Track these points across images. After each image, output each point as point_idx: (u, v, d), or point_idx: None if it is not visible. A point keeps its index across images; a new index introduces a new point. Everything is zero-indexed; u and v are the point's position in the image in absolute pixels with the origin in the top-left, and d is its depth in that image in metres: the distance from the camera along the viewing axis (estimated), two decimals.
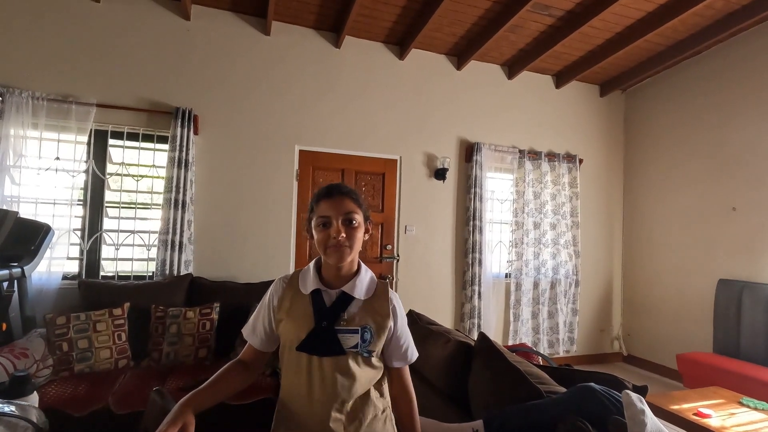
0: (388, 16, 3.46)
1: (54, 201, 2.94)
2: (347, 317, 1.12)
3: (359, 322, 1.12)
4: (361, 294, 1.15)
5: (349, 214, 1.11)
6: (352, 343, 1.10)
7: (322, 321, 1.10)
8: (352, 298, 1.14)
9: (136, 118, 3.16)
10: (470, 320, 3.89)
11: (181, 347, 2.63)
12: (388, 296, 1.18)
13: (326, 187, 1.16)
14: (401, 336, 1.19)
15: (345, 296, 1.14)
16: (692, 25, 3.56)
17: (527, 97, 4.37)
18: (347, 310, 1.13)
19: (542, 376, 1.43)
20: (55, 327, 2.42)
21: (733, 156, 3.73)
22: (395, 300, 1.20)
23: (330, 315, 1.11)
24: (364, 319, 1.13)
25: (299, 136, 3.60)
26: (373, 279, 1.21)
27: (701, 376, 3.34)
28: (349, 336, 1.10)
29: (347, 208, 1.11)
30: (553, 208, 4.35)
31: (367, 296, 1.16)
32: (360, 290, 1.15)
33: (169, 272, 3.07)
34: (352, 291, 1.14)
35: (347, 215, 1.10)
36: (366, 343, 1.11)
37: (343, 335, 1.10)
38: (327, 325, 1.10)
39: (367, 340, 1.11)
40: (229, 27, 3.43)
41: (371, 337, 1.12)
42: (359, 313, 1.13)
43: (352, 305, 1.14)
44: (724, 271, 3.74)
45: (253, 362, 1.21)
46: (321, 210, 1.12)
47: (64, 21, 3.03)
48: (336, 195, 1.12)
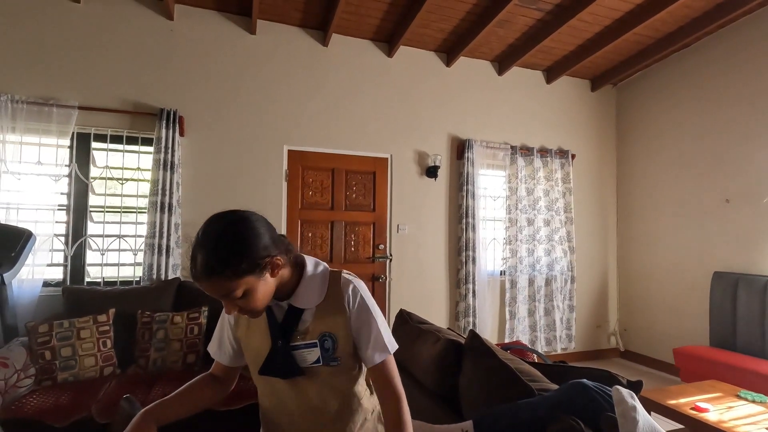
0: (375, 13, 3.42)
1: (36, 206, 2.87)
2: (302, 329, 1.00)
3: (317, 331, 1.00)
4: (309, 302, 1.01)
5: (229, 293, 0.88)
6: (313, 358, 0.99)
7: (277, 340, 1.00)
8: (301, 310, 1.01)
9: (119, 120, 3.09)
10: (465, 319, 3.84)
11: (169, 353, 2.57)
12: (342, 290, 1.02)
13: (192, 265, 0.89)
14: (362, 329, 1.02)
15: (293, 308, 1.01)
16: (681, 17, 3.54)
17: (518, 92, 4.34)
18: (300, 322, 1.01)
19: (534, 374, 1.39)
20: (37, 335, 2.36)
21: (726, 148, 3.72)
22: (350, 290, 1.03)
23: (283, 332, 1.00)
24: (322, 326, 1.00)
25: (288, 135, 3.54)
26: (324, 277, 1.04)
27: (698, 370, 3.31)
28: (308, 351, 0.99)
29: (223, 289, 0.87)
30: (546, 204, 4.32)
31: (320, 299, 1.02)
32: (307, 298, 1.01)
33: (157, 277, 3.01)
34: (299, 302, 1.01)
35: (226, 294, 0.88)
36: (329, 351, 0.99)
37: (301, 351, 0.99)
38: (282, 344, 0.99)
39: (329, 349, 0.99)
40: (214, 26, 3.38)
41: (334, 344, 0.99)
42: (315, 322, 1.01)
43: (305, 315, 1.01)
44: (719, 264, 3.72)
45: (224, 377, 1.14)
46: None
47: (44, 22, 2.97)
48: (201, 282, 0.88)
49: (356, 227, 3.73)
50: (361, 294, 1.04)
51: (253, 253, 0.89)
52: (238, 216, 0.92)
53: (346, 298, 1.02)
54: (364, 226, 3.76)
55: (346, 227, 3.71)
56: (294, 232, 3.54)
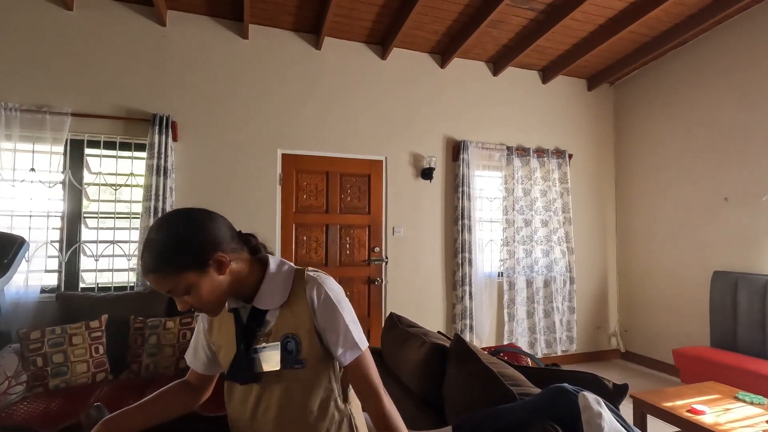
0: (367, 15, 3.42)
1: (30, 213, 2.89)
2: (266, 331, 0.98)
3: (279, 333, 0.97)
4: (272, 303, 0.99)
5: (174, 289, 0.88)
6: (275, 360, 0.96)
7: (240, 343, 0.98)
8: (264, 311, 0.99)
9: (112, 126, 3.10)
10: (462, 321, 3.82)
11: (161, 358, 2.57)
12: (305, 289, 0.99)
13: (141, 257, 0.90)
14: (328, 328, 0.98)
15: (255, 311, 0.99)
16: (676, 14, 3.51)
17: (514, 93, 4.32)
18: (264, 323, 0.99)
19: (517, 378, 1.37)
20: (29, 341, 2.36)
21: (724, 146, 3.67)
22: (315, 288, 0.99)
23: (245, 335, 0.98)
24: (285, 327, 0.98)
25: (282, 139, 3.54)
26: (288, 276, 1.02)
27: (699, 370, 3.26)
28: (270, 353, 0.96)
29: (167, 285, 0.88)
30: (544, 204, 4.28)
31: (284, 299, 0.99)
32: (268, 299, 0.99)
33: None
34: (261, 303, 0.99)
35: (172, 290, 0.89)
36: (293, 354, 0.96)
37: (265, 353, 0.96)
38: (244, 348, 0.97)
39: (293, 351, 0.96)
40: (206, 31, 3.39)
41: (297, 345, 0.97)
42: (278, 323, 0.98)
43: (268, 316, 0.99)
44: (719, 263, 3.67)
45: (199, 385, 1.12)
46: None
47: (37, 30, 2.99)
48: (148, 276, 0.88)
49: (351, 230, 3.72)
50: (326, 291, 1.00)
51: (193, 249, 0.88)
52: (183, 214, 0.93)
53: (309, 297, 0.98)
54: (360, 229, 3.75)
55: (341, 230, 3.70)
56: (289, 236, 3.53)
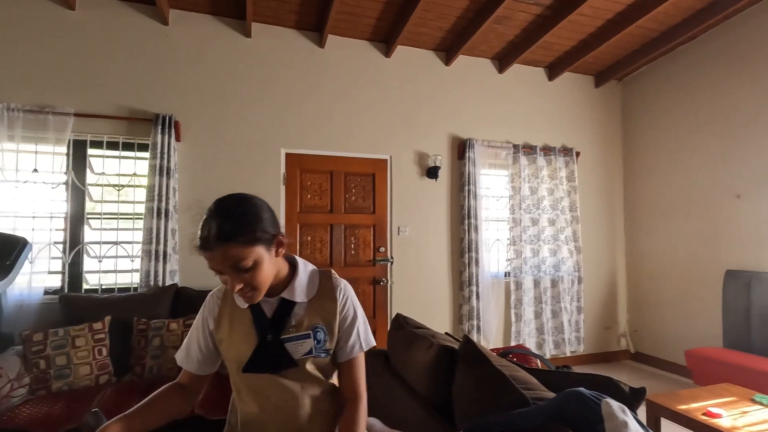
0: (371, 13, 3.38)
1: (33, 214, 2.87)
2: (295, 323, 1.03)
3: (308, 324, 1.04)
4: (302, 296, 1.06)
5: (239, 262, 0.88)
6: (306, 349, 1.02)
7: (265, 334, 1.01)
8: (293, 303, 1.05)
9: (115, 126, 3.08)
10: (469, 322, 3.76)
11: (165, 360, 2.54)
12: (333, 288, 1.09)
13: (203, 230, 0.89)
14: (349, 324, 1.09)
15: (285, 302, 1.04)
16: (685, 8, 3.44)
17: (520, 90, 4.26)
18: (292, 315, 1.04)
19: (530, 381, 1.32)
20: (31, 344, 2.34)
21: (736, 143, 3.60)
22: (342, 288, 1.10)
23: (274, 326, 1.02)
24: (314, 319, 1.05)
25: (285, 138, 3.51)
26: (314, 274, 1.12)
27: (712, 372, 3.19)
28: (301, 342, 1.02)
29: (232, 258, 0.88)
30: (551, 203, 4.22)
31: (311, 295, 1.07)
32: (300, 292, 1.06)
33: (154, 283, 2.98)
34: (292, 296, 1.04)
35: (236, 263, 0.88)
36: (321, 343, 1.04)
37: (293, 343, 1.01)
38: (272, 338, 1.01)
39: (321, 340, 1.03)
40: (209, 30, 3.36)
41: (325, 336, 1.04)
42: (307, 315, 1.05)
43: (297, 308, 1.05)
44: (731, 262, 3.59)
45: (192, 386, 1.11)
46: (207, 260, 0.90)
47: (38, 30, 2.97)
48: (214, 249, 0.87)
49: (356, 230, 3.68)
50: (351, 292, 1.13)
51: (265, 224, 0.93)
52: (248, 195, 1.00)
53: (338, 294, 1.09)
54: (364, 228, 3.71)
55: (345, 230, 3.66)
56: (293, 236, 3.49)
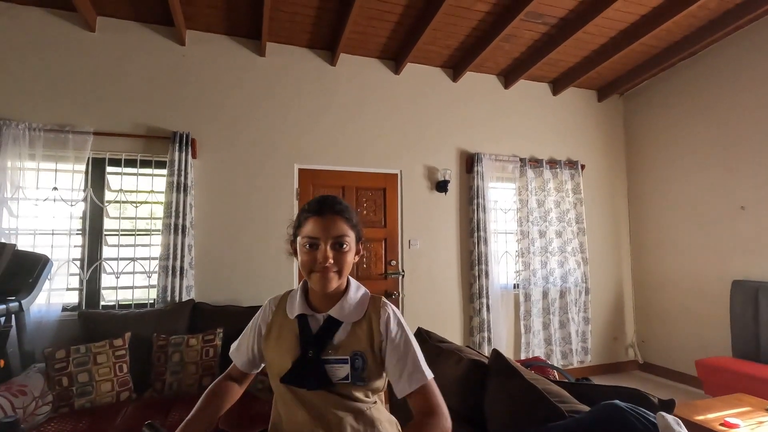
0: (382, 32, 3.47)
1: (52, 231, 2.91)
2: (336, 344, 1.01)
3: (349, 348, 1.01)
4: (349, 317, 1.04)
5: (340, 237, 0.99)
6: (342, 374, 0.98)
7: (308, 350, 1.00)
8: (339, 323, 1.03)
9: (133, 144, 3.14)
10: (480, 334, 3.79)
11: (185, 376, 2.56)
12: (379, 314, 1.05)
13: (317, 202, 1.02)
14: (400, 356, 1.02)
15: (332, 320, 1.03)
16: (687, 26, 3.55)
17: (525, 105, 4.36)
18: (335, 336, 1.02)
19: (562, 394, 1.36)
20: (54, 361, 2.36)
21: (738, 154, 3.68)
22: (390, 315, 1.06)
23: (317, 343, 1.01)
24: (354, 344, 1.01)
25: (298, 154, 3.57)
26: (365, 297, 1.09)
27: (723, 382, 3.22)
28: (339, 366, 0.99)
29: (339, 230, 0.99)
30: (557, 215, 4.29)
31: (358, 318, 1.05)
32: (348, 313, 1.04)
33: (171, 299, 3.01)
34: (340, 315, 1.03)
35: (338, 238, 0.99)
36: (358, 371, 0.99)
37: (331, 366, 0.99)
38: (313, 355, 0.99)
39: (359, 369, 0.99)
40: (224, 50, 3.44)
41: (363, 364, 1.00)
42: (349, 339, 1.02)
43: (340, 330, 1.03)
44: (738, 272, 3.65)
45: (240, 378, 1.17)
46: (308, 229, 1.00)
47: (60, 51, 3.04)
48: (327, 214, 1.00)
49: (368, 244, 3.73)
50: (400, 320, 1.08)
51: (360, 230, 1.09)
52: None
53: (383, 322, 1.05)
54: (376, 242, 3.76)
55: None
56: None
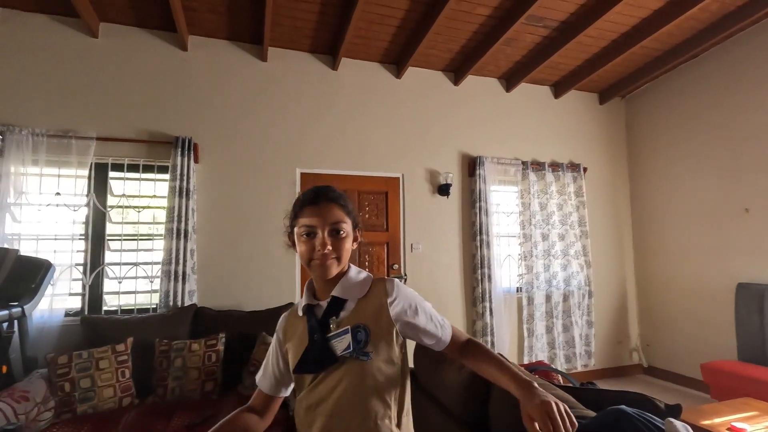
0: (384, 36, 3.48)
1: (55, 236, 2.91)
2: (338, 320, 1.01)
3: (350, 322, 1.00)
4: (353, 293, 1.03)
5: (337, 224, 1.00)
6: (344, 345, 0.97)
7: (314, 334, 1.01)
8: (343, 302, 1.03)
9: (136, 149, 3.15)
10: (483, 338, 3.77)
11: (187, 381, 2.55)
12: (384, 286, 1.04)
13: (311, 192, 1.04)
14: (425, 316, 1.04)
15: (335, 301, 1.03)
16: (688, 29, 3.55)
17: (527, 108, 4.36)
18: (339, 314, 1.02)
19: (568, 399, 1.34)
20: (56, 367, 2.35)
21: (741, 156, 3.67)
22: (393, 284, 1.04)
23: (321, 325, 1.01)
24: (357, 318, 1.00)
25: (300, 158, 3.57)
26: (367, 278, 1.08)
27: (728, 385, 3.20)
28: (340, 339, 0.98)
29: (335, 216, 1.01)
30: (560, 218, 4.27)
31: (362, 294, 1.04)
32: (350, 290, 1.03)
33: (173, 303, 3.01)
34: (342, 293, 1.03)
35: (334, 225, 1.00)
36: (360, 343, 0.97)
37: (335, 340, 0.98)
38: (319, 337, 1.00)
39: (361, 341, 0.97)
40: (226, 55, 3.45)
41: (366, 337, 0.97)
42: (352, 314, 1.01)
43: (344, 308, 1.02)
44: (743, 275, 3.63)
45: (263, 409, 1.12)
46: (305, 218, 1.01)
47: (63, 57, 3.06)
48: (322, 202, 1.01)
49: (370, 247, 3.72)
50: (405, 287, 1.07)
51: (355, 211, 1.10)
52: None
53: (395, 292, 1.03)
54: (378, 246, 3.75)
55: (359, 248, 3.69)
56: None
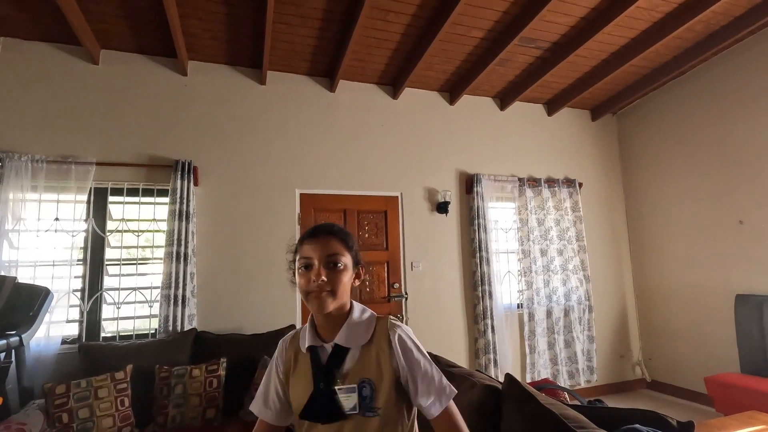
0: (380, 59, 3.56)
1: (53, 262, 2.88)
2: (344, 372, 1.00)
3: (356, 376, 0.99)
4: (355, 341, 1.02)
5: (333, 256, 1.00)
6: (351, 404, 0.96)
7: (319, 382, 0.99)
8: (346, 351, 1.01)
9: (135, 173, 3.15)
10: (486, 356, 3.74)
11: (188, 409, 2.50)
12: (388, 336, 1.02)
13: (313, 227, 1.07)
14: (416, 373, 1.00)
15: (339, 349, 1.02)
16: (675, 47, 3.66)
17: (521, 126, 4.43)
18: (344, 364, 1.01)
19: (580, 420, 1.33)
20: (54, 397, 2.30)
21: (733, 169, 3.74)
22: (399, 333, 1.03)
23: (326, 374, 1.00)
24: (362, 371, 0.99)
25: (299, 179, 3.59)
26: (371, 319, 1.07)
27: (733, 399, 3.18)
28: (347, 396, 0.97)
29: (331, 249, 1.01)
30: (558, 233, 4.30)
31: (365, 341, 1.02)
32: (353, 338, 1.02)
33: (173, 328, 2.96)
34: (345, 341, 1.02)
35: (331, 257, 1.00)
36: (366, 400, 0.96)
37: (342, 395, 0.97)
38: (324, 387, 0.98)
39: (367, 397, 0.96)
40: (226, 79, 3.50)
41: (372, 392, 0.97)
42: (356, 366, 1.00)
43: (348, 357, 1.01)
44: (741, 287, 3.66)
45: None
46: (304, 251, 1.02)
47: (64, 84, 3.09)
48: (320, 235, 1.03)
49: (370, 267, 3.71)
50: (412, 337, 1.06)
51: (356, 247, 1.10)
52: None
53: (396, 343, 1.01)
54: (378, 265, 3.74)
55: None
56: None
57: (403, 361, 1.00)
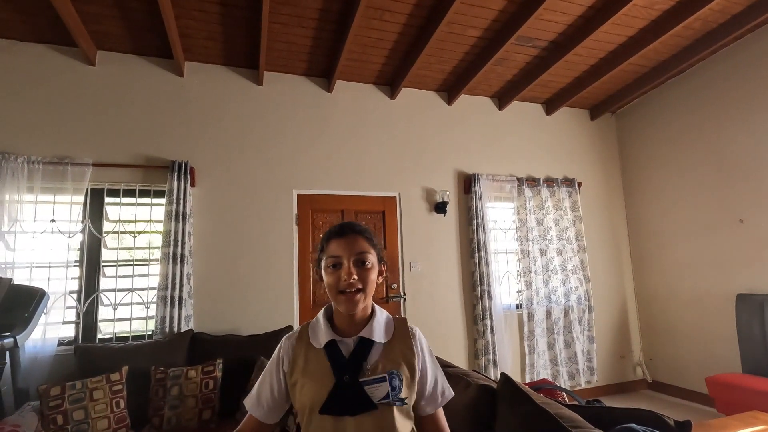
0: (377, 59, 3.55)
1: (49, 264, 2.87)
2: (370, 366, 1.02)
3: (385, 368, 1.02)
4: (381, 337, 1.06)
5: (362, 254, 1.03)
6: (381, 394, 0.98)
7: (343, 375, 1.00)
8: (371, 344, 1.04)
9: (132, 174, 3.15)
10: (485, 356, 3.72)
11: (184, 410, 2.48)
12: (409, 333, 1.10)
13: (338, 225, 1.09)
14: (431, 374, 1.10)
15: (364, 342, 1.04)
16: (673, 45, 3.65)
17: (519, 125, 4.42)
18: (368, 357, 1.03)
19: (575, 419, 1.31)
20: (49, 399, 2.28)
21: (732, 167, 3.72)
22: (418, 335, 1.12)
23: (351, 366, 1.01)
24: (390, 364, 1.03)
25: (296, 180, 3.58)
26: (389, 318, 1.13)
27: (735, 399, 3.15)
28: (377, 386, 0.99)
29: (360, 247, 1.04)
30: (557, 233, 4.28)
31: (387, 338, 1.07)
32: (379, 333, 1.06)
33: (169, 329, 2.95)
34: (371, 335, 1.05)
35: (359, 255, 1.03)
36: (396, 390, 1.00)
37: (370, 387, 0.99)
38: (350, 379, 0.99)
39: (396, 388, 1.00)
40: (222, 80, 3.50)
41: (400, 384, 1.01)
42: (383, 359, 1.04)
43: (372, 352, 1.04)
44: (742, 286, 3.63)
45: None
46: (331, 250, 1.04)
47: (61, 86, 3.09)
48: (348, 234, 1.05)
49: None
50: (425, 341, 1.14)
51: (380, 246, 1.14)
52: None
53: (417, 341, 1.10)
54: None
55: None
56: (306, 275, 3.50)
57: (423, 364, 1.09)
